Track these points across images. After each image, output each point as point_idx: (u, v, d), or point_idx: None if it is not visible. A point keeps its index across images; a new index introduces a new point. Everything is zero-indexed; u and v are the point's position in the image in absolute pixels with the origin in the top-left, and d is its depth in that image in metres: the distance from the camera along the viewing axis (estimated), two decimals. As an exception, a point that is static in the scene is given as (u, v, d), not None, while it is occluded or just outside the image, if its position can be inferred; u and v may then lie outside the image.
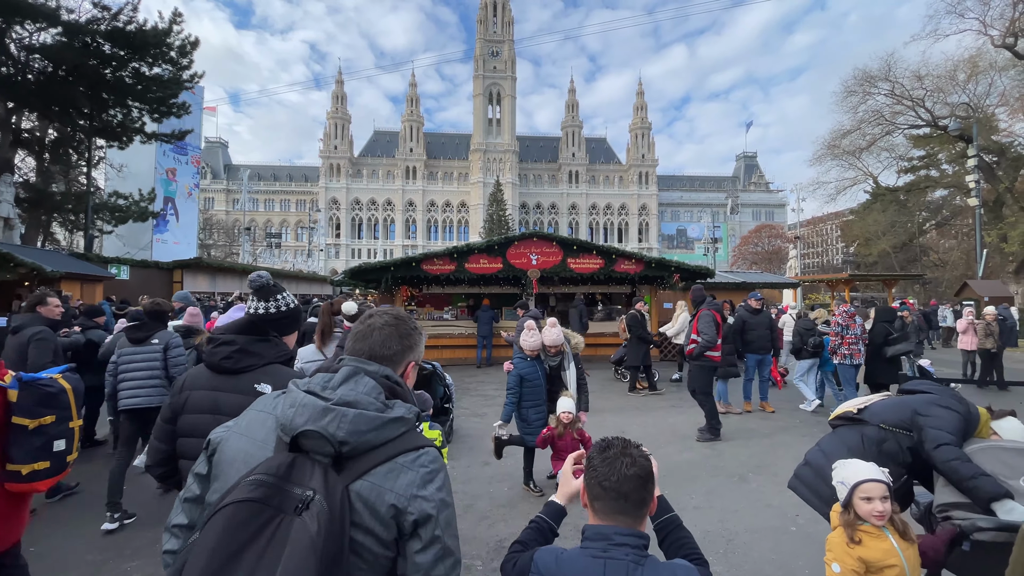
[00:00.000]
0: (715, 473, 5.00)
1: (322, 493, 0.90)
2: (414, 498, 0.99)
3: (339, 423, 0.98)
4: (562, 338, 4.70)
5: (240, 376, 1.88)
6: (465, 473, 5.03)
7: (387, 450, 1.02)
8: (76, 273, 13.86)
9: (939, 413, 2.41)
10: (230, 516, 0.90)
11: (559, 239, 12.07)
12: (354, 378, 1.09)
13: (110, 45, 16.85)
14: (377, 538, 0.96)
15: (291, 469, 0.95)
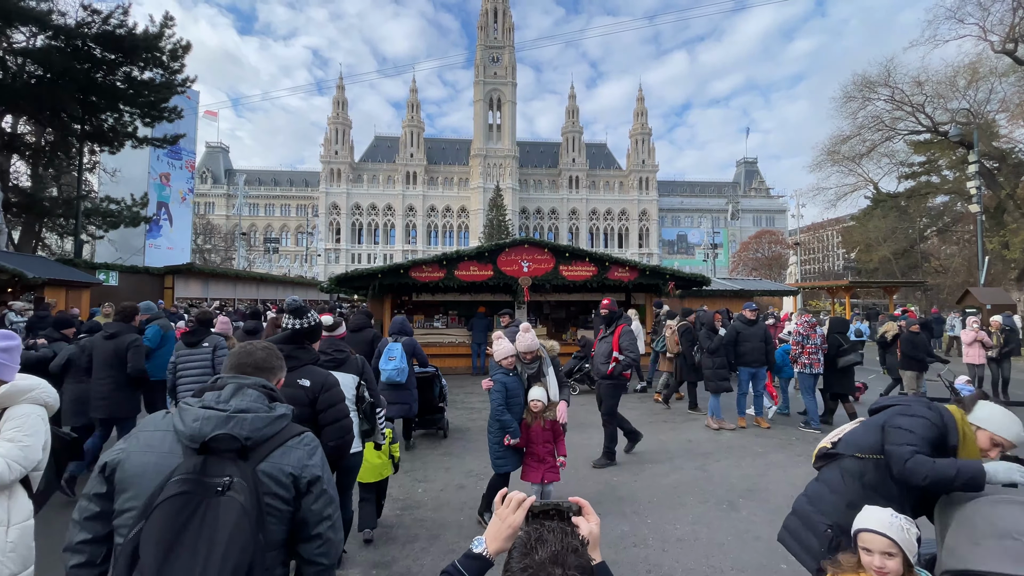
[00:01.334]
0: (703, 498, 4.70)
1: (239, 476, 1.25)
2: (305, 466, 1.40)
3: (241, 426, 1.32)
4: (537, 343, 4.39)
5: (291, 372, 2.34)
6: (437, 498, 4.74)
7: (278, 438, 1.40)
8: (61, 279, 13.62)
9: (903, 423, 2.09)
10: (166, 509, 1.18)
11: (551, 246, 11.80)
12: (240, 392, 1.43)
13: (101, 49, 16.69)
14: (282, 499, 1.35)
15: (205, 466, 1.25)
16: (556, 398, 4.29)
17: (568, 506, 1.13)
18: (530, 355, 4.35)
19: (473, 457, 5.91)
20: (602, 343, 6.00)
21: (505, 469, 4.18)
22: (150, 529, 1.16)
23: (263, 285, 25.14)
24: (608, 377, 5.75)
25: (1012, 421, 2.01)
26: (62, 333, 6.20)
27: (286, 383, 2.09)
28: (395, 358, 5.75)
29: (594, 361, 6.07)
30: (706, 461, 5.76)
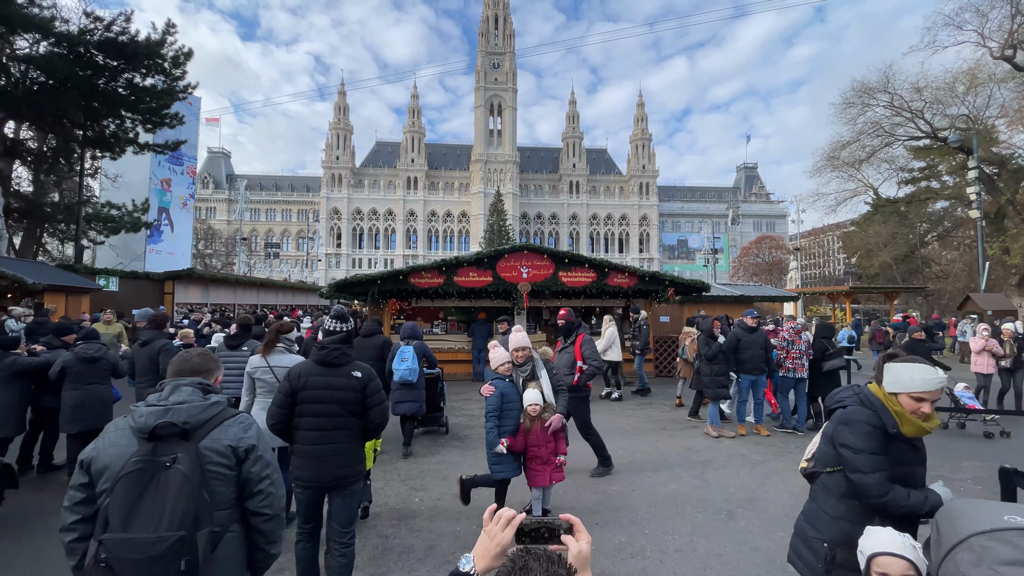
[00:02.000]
0: (701, 508, 4.66)
1: (182, 452, 1.64)
2: (241, 439, 1.80)
3: (178, 414, 1.71)
4: (527, 341, 4.44)
5: (342, 367, 3.00)
6: (434, 507, 4.71)
7: (215, 420, 1.79)
8: (60, 285, 13.62)
9: (849, 440, 2.05)
10: (125, 482, 1.57)
11: (550, 252, 11.79)
12: (176, 389, 1.82)
13: (103, 56, 16.78)
14: (225, 466, 1.74)
15: (155, 449, 1.64)
16: (551, 399, 4.28)
17: (559, 524, 1.10)
18: (521, 354, 4.35)
19: (471, 465, 5.88)
20: (563, 354, 5.73)
21: (502, 475, 4.17)
22: (114, 498, 1.57)
23: (263, 290, 25.16)
24: (574, 389, 5.36)
25: (917, 371, 1.97)
26: (62, 340, 6.20)
27: (342, 375, 2.97)
28: (407, 359, 6.26)
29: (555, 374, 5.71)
30: (705, 470, 5.73)
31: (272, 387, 4.10)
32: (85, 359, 5.59)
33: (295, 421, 2.94)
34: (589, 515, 4.47)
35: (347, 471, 2.94)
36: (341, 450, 2.93)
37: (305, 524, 3.00)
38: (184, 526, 1.56)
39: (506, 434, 4.16)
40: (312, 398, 2.92)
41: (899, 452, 2.05)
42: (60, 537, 1.65)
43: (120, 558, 1.51)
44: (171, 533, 1.53)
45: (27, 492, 5.23)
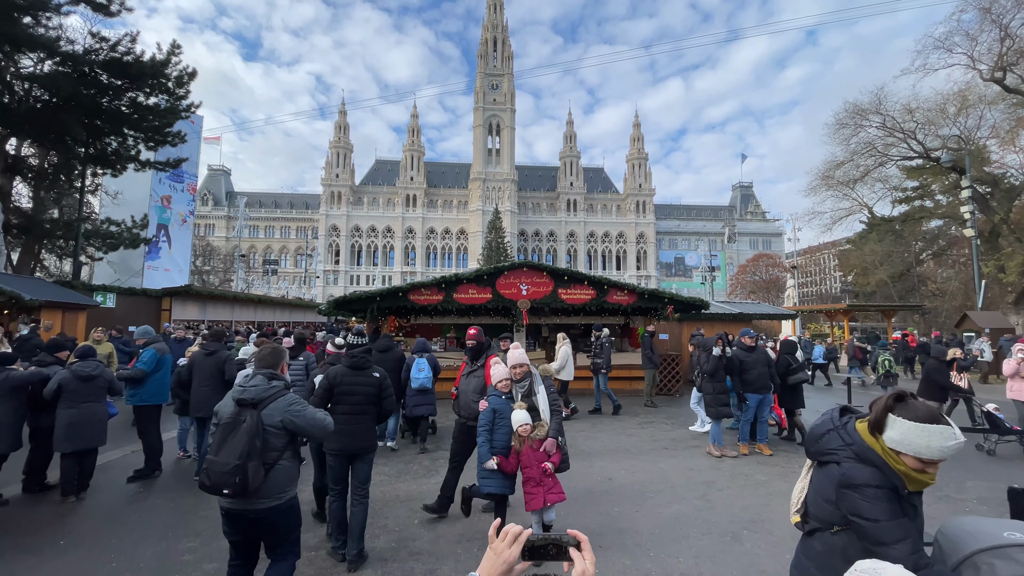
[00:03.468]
0: (706, 529, 4.59)
1: (249, 415, 2.81)
2: (285, 411, 2.92)
3: (248, 392, 2.90)
4: (525, 358, 4.47)
5: (365, 370, 4.19)
6: (434, 529, 4.62)
7: (272, 397, 2.92)
8: (58, 301, 13.55)
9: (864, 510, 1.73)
10: (222, 428, 2.82)
11: (550, 269, 11.82)
12: (254, 377, 3.03)
13: (107, 75, 16.97)
14: (277, 430, 2.87)
15: (239, 411, 2.84)
16: (547, 417, 4.23)
17: (567, 540, 1.09)
18: (519, 370, 4.35)
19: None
20: (471, 378, 5.12)
21: (489, 489, 4.14)
22: (216, 436, 2.83)
23: (261, 307, 25.06)
24: None
25: (936, 437, 1.66)
26: (56, 357, 6.13)
27: (366, 375, 4.18)
28: (424, 370, 7.41)
29: (460, 399, 5.09)
30: (708, 491, 5.65)
31: None
32: (82, 377, 5.54)
33: (332, 407, 4.02)
34: (592, 537, 4.35)
35: (368, 443, 4.12)
36: (364, 429, 4.09)
37: (335, 486, 4.09)
38: (240, 458, 2.70)
39: (498, 448, 4.15)
40: (345, 391, 4.09)
41: None
42: None
43: (211, 470, 2.73)
44: (234, 461, 2.70)
45: (19, 510, 5.13)
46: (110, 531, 4.62)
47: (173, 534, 4.53)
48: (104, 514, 5.06)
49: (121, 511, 5.14)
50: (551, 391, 4.38)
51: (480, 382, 5.07)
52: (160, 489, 5.82)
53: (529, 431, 4.11)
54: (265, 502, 2.82)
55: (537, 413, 4.22)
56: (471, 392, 5.02)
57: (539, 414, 4.22)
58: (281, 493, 2.88)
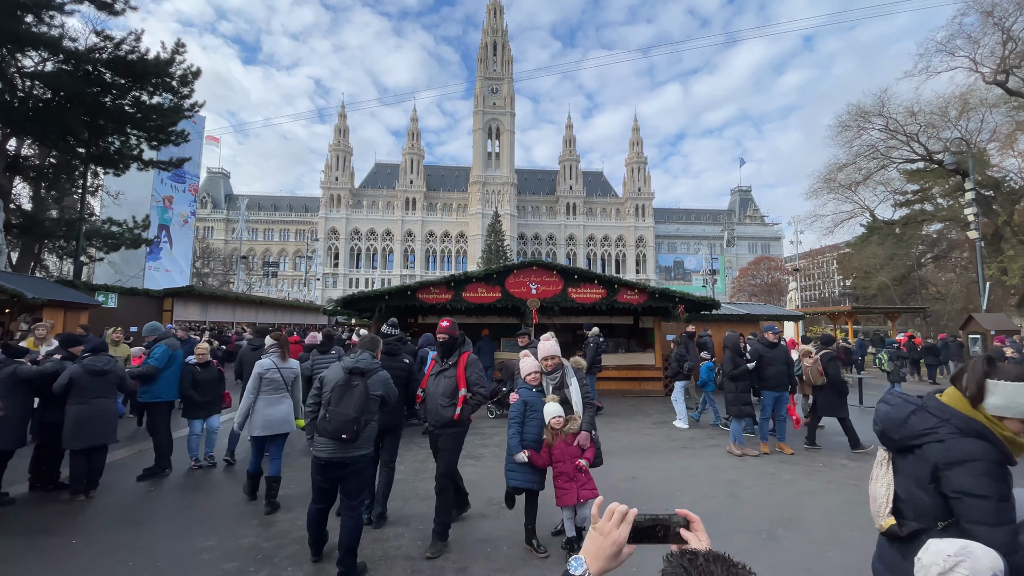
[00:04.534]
0: (740, 527, 4.46)
1: (360, 382, 3.68)
2: (383, 383, 3.89)
3: (359, 363, 3.78)
4: (556, 349, 4.31)
5: (397, 356, 5.20)
6: (460, 528, 4.47)
7: (375, 370, 3.87)
8: (60, 300, 13.38)
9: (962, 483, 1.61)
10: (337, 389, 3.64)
11: (560, 268, 11.72)
12: (361, 352, 3.94)
13: (111, 73, 16.84)
14: (375, 396, 3.78)
15: (350, 377, 3.69)
16: (579, 411, 4.10)
17: (676, 520, 0.99)
18: (550, 362, 4.21)
19: (491, 484, 5.66)
20: (440, 378, 4.34)
21: (514, 483, 4.01)
22: (333, 395, 3.60)
23: (263, 308, 24.88)
24: (454, 424, 4.20)
25: None
26: (69, 351, 5.94)
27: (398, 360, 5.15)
28: None
29: (427, 404, 4.40)
30: (735, 489, 5.52)
31: (278, 385, 5.14)
32: (93, 372, 5.39)
33: None
34: (624, 535, 4.25)
35: (398, 420, 4.85)
36: (395, 407, 4.53)
37: None
38: (356, 412, 3.52)
39: (529, 442, 4.03)
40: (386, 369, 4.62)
41: None
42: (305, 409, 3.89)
43: (333, 419, 3.49)
44: (352, 413, 3.51)
45: (28, 510, 4.97)
46: (123, 531, 4.47)
47: (189, 533, 4.38)
48: (115, 513, 4.90)
49: (133, 510, 4.98)
50: (583, 383, 4.24)
51: (452, 384, 4.24)
52: (171, 488, 5.67)
53: (562, 424, 3.98)
54: (358, 451, 3.67)
55: (569, 406, 4.10)
56: (440, 396, 4.23)
57: (571, 407, 4.09)
58: (368, 444, 3.78)
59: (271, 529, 4.46)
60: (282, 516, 4.77)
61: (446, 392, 4.23)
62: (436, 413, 4.24)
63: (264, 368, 5.10)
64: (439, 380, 4.33)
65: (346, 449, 3.58)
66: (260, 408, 5.00)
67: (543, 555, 3.90)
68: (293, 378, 5.31)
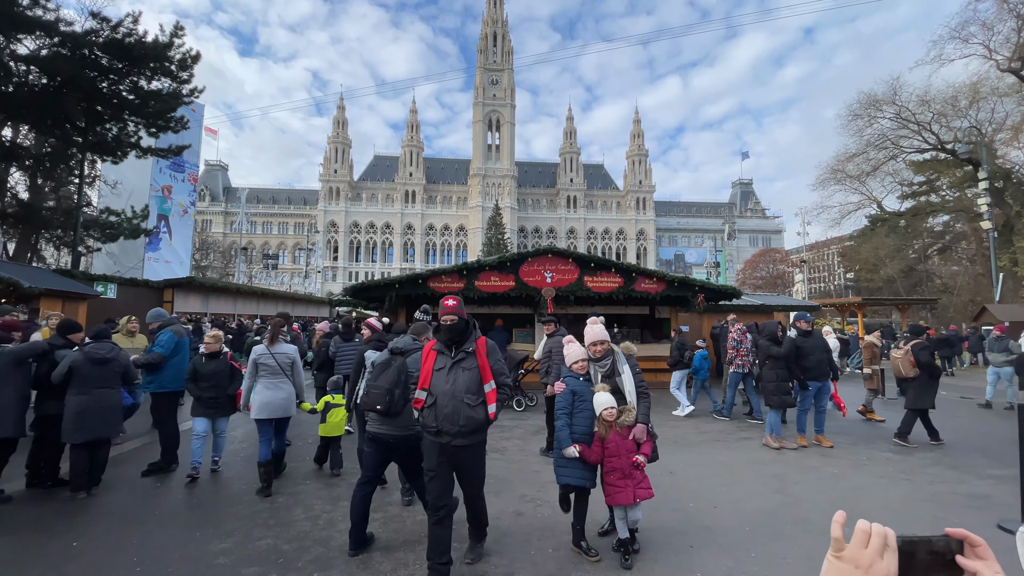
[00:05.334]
0: (802, 527, 4.10)
1: (399, 360, 3.87)
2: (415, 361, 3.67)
3: (399, 344, 4.07)
4: (606, 333, 3.92)
5: None
6: (495, 528, 4.09)
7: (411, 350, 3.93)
8: (57, 290, 12.97)
9: None
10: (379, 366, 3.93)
11: (576, 256, 11.33)
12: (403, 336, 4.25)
13: (108, 57, 16.33)
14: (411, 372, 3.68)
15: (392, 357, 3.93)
16: (633, 401, 3.72)
17: (947, 543, 0.68)
18: (600, 348, 3.82)
19: (520, 479, 5.32)
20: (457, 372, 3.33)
21: (566, 480, 3.62)
22: (374, 371, 3.91)
23: (264, 300, 24.47)
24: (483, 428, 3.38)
25: None
26: (67, 339, 5.55)
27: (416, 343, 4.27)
28: None
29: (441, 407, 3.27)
30: (782, 484, 5.17)
31: (273, 370, 5.21)
32: (95, 360, 5.01)
33: None
34: (679, 536, 3.90)
35: None
36: None
37: None
38: (389, 385, 3.69)
39: (579, 435, 3.65)
40: None
41: None
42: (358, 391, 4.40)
43: (370, 392, 3.74)
44: (385, 385, 3.70)
45: (25, 508, 4.60)
46: (128, 531, 4.10)
47: (201, 535, 4.02)
48: (120, 512, 4.53)
49: (138, 509, 4.61)
50: (637, 371, 3.86)
51: (474, 377, 3.31)
52: (179, 484, 5.29)
53: (615, 416, 3.62)
54: (400, 431, 3.79)
55: (622, 396, 3.73)
56: (465, 393, 3.25)
57: (624, 397, 3.72)
58: (411, 426, 3.74)
59: (291, 530, 4.10)
60: (301, 515, 4.41)
61: (470, 388, 3.25)
62: (460, 416, 3.19)
63: (257, 353, 5.26)
64: (455, 375, 3.29)
65: (393, 427, 3.78)
66: (259, 391, 5.16)
67: (595, 558, 3.54)
68: (289, 363, 5.35)
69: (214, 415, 5.47)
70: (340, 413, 5.54)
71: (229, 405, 5.56)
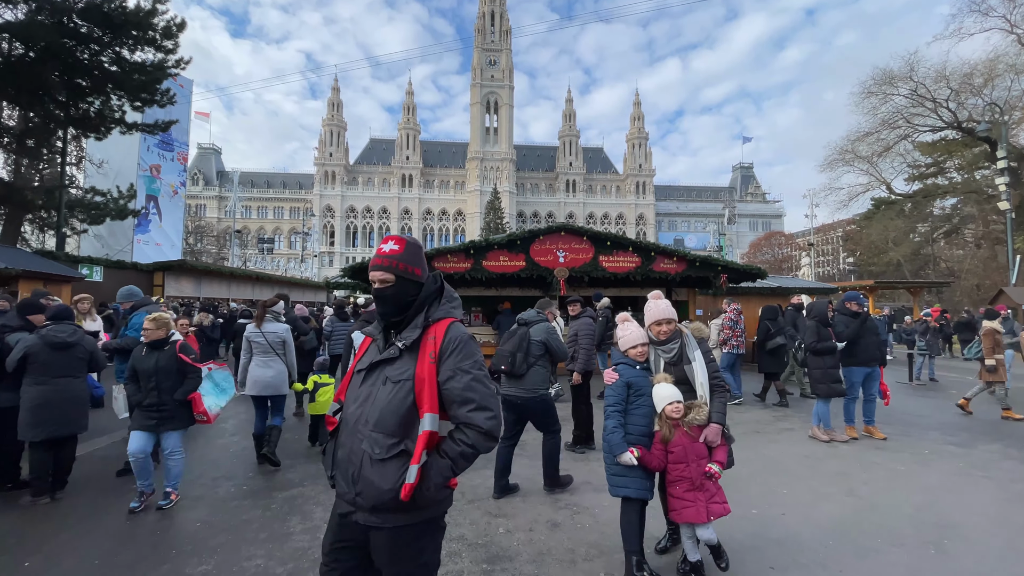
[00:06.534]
0: (890, 539, 3.47)
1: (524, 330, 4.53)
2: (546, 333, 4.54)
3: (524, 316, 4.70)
4: (672, 311, 3.13)
5: None
6: (530, 542, 3.47)
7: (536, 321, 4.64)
8: (37, 272, 12.20)
9: None
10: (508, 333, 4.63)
11: (590, 233, 10.59)
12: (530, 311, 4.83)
13: (88, 25, 15.35)
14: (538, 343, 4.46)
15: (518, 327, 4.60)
16: (705, 395, 3.05)
17: None
18: (665, 329, 3.08)
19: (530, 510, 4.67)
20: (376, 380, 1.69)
21: (623, 492, 2.95)
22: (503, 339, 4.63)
23: (259, 284, 23.72)
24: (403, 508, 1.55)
25: None
26: (27, 320, 4.81)
27: None
28: None
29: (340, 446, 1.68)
30: (849, 484, 4.54)
31: (264, 348, 5.23)
32: (55, 345, 4.30)
33: None
34: (751, 554, 3.26)
35: None
36: None
37: None
38: (512, 348, 4.37)
39: (635, 438, 2.96)
40: None
41: None
42: None
43: (497, 354, 4.45)
44: (511, 349, 4.36)
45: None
46: (95, 546, 3.44)
47: (179, 552, 3.35)
48: (85, 522, 3.86)
49: (108, 517, 3.94)
50: (710, 359, 3.15)
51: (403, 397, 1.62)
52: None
53: (682, 413, 2.95)
54: (526, 393, 4.32)
55: (689, 389, 3.05)
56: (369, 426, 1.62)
57: (694, 390, 3.04)
58: (535, 388, 4.35)
59: (286, 545, 3.44)
60: (298, 526, 3.76)
61: (384, 420, 1.60)
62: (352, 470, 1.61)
63: (249, 332, 5.33)
64: (372, 385, 1.69)
65: (519, 388, 4.34)
66: (251, 369, 5.22)
67: (659, 585, 2.90)
68: (280, 342, 5.34)
69: (158, 428, 4.06)
70: (328, 392, 5.63)
71: (181, 414, 4.17)
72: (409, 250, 1.71)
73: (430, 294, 1.74)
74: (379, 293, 1.69)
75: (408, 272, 1.69)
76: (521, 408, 4.36)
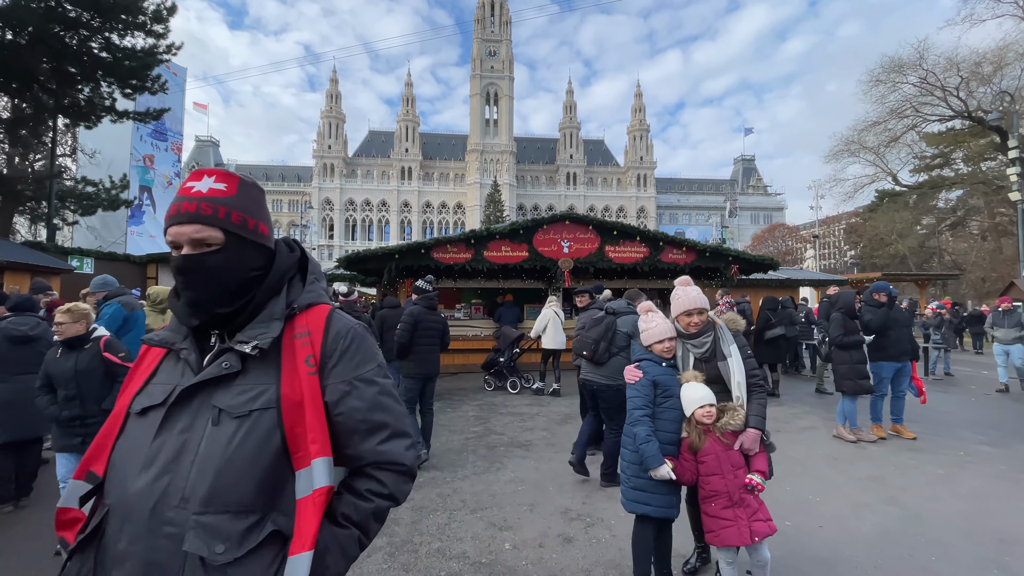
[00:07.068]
0: (942, 555, 3.09)
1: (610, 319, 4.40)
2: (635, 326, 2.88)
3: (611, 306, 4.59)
4: (704, 300, 2.72)
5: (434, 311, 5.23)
6: (540, 559, 3.09)
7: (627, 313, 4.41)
8: (24, 263, 11.79)
9: None
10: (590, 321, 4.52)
11: (596, 222, 10.20)
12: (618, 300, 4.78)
13: (76, 9, 14.84)
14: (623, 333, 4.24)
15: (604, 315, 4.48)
16: (742, 395, 2.65)
17: None
18: (697, 320, 2.68)
19: (557, 486, 4.30)
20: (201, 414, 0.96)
21: (642, 510, 2.57)
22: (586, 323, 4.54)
23: (256, 277, 23.28)
24: None
25: None
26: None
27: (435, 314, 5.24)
28: None
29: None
30: (887, 491, 4.16)
31: None
32: (15, 339, 3.92)
33: (415, 340, 4.98)
34: (791, 574, 2.89)
35: (437, 368, 5.15)
36: (436, 357, 5.13)
37: (410, 405, 4.94)
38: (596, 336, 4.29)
39: (663, 448, 2.54)
40: (424, 327, 5.04)
41: None
42: None
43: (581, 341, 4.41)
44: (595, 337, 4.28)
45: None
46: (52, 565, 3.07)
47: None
48: (48, 532, 3.48)
49: (75, 528, 3.57)
50: (748, 354, 2.75)
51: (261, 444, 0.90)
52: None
53: (715, 417, 2.55)
54: (603, 380, 4.24)
55: (723, 389, 2.66)
56: (182, 500, 0.85)
57: (727, 390, 2.65)
58: (614, 377, 4.05)
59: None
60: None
61: (228, 484, 0.86)
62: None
63: None
64: (185, 432, 0.90)
65: (599, 374, 4.27)
66: None
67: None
68: None
69: (84, 447, 3.15)
70: None
71: None
72: (245, 192, 1.00)
73: (290, 266, 1.09)
74: (192, 265, 0.94)
75: (246, 228, 0.98)
76: (597, 393, 4.33)
